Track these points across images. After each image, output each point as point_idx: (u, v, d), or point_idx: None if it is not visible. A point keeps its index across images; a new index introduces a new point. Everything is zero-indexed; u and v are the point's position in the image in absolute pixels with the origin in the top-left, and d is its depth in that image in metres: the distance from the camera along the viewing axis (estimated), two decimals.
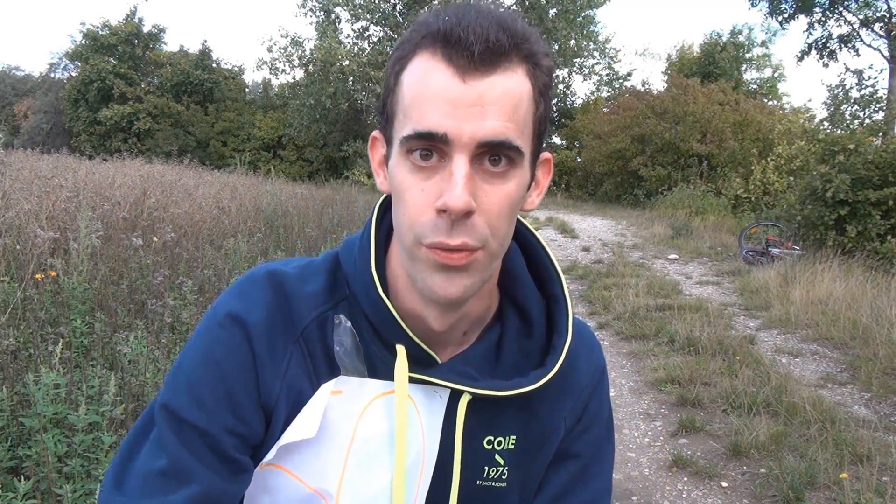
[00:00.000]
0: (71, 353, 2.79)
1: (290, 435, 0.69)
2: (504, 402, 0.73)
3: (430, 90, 0.61)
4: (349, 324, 0.71)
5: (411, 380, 0.71)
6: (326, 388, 0.70)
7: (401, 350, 0.70)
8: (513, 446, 0.75)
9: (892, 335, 5.24)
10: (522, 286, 0.77)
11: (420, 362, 0.71)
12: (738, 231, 11.90)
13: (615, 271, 8.78)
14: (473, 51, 0.60)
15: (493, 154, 0.62)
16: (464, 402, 0.72)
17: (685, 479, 3.35)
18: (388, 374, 0.71)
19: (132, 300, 3.73)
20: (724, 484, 3.29)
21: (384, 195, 0.75)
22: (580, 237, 12.73)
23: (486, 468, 0.75)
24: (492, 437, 0.75)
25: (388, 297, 0.70)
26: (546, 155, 0.72)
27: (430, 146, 0.62)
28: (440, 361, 0.73)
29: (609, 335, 5.97)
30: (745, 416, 3.95)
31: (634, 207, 18.86)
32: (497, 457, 0.75)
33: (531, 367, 0.75)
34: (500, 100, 0.61)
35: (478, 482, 0.75)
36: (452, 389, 0.72)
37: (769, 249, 9.28)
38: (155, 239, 4.95)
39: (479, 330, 0.76)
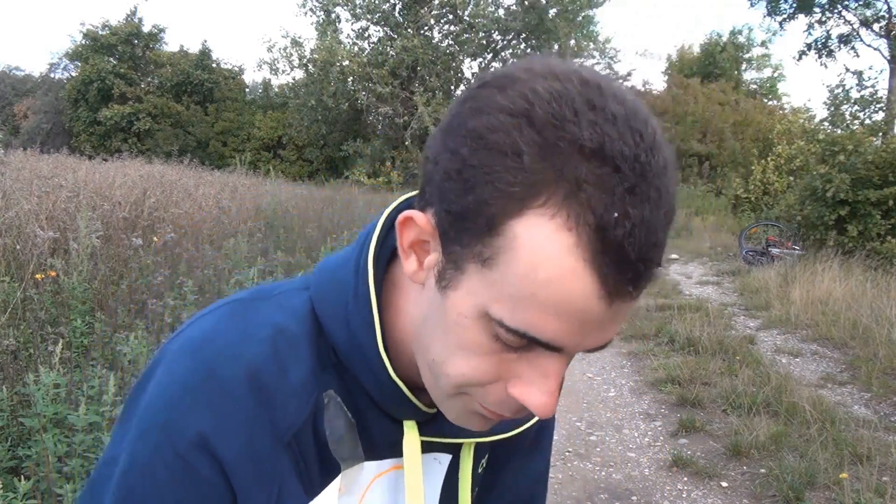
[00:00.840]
0: (71, 353, 2.79)
1: None
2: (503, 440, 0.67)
3: (566, 304, 0.45)
4: (339, 399, 0.58)
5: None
6: (333, 489, 0.59)
7: (411, 426, 0.60)
8: (487, 457, 0.73)
9: (892, 335, 5.24)
10: None
11: (422, 424, 0.62)
12: (738, 231, 11.90)
13: None
14: (640, 287, 0.46)
15: None
16: (468, 452, 0.66)
17: (685, 479, 3.35)
18: (386, 445, 0.61)
19: (132, 300, 3.73)
20: (724, 484, 3.29)
21: (374, 237, 0.59)
22: None
23: (478, 489, 0.72)
24: (483, 461, 0.71)
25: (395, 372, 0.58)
26: None
27: None
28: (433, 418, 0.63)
29: None
30: (745, 416, 3.95)
31: None
32: (480, 470, 0.72)
33: None
34: (626, 314, 0.49)
35: None
36: (451, 446, 0.65)
37: (769, 249, 9.28)
38: (155, 239, 4.95)
39: None
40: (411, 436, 0.60)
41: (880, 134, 9.74)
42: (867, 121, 10.08)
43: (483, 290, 0.48)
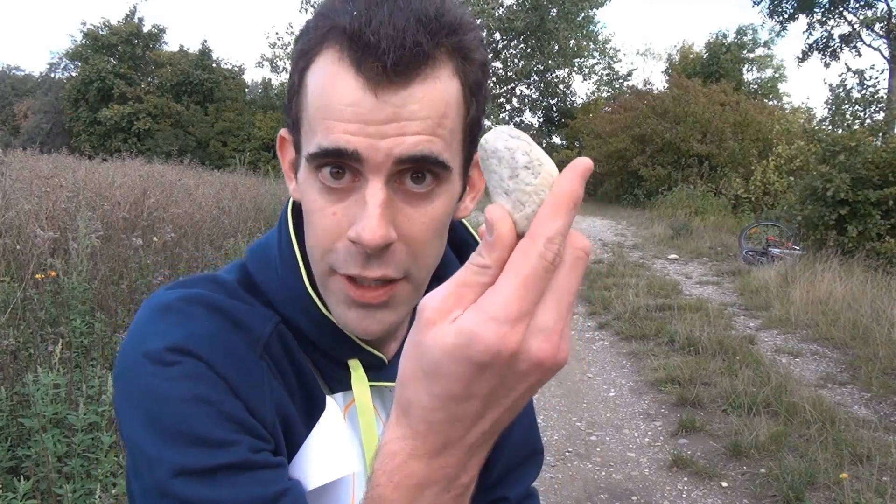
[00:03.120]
0: (71, 353, 2.79)
1: (324, 473, 0.60)
2: None
3: (336, 103, 0.52)
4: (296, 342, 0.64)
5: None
6: (335, 411, 0.62)
7: (356, 365, 0.64)
8: None
9: (892, 335, 5.23)
10: (446, 263, 0.70)
11: (371, 368, 0.65)
12: (738, 231, 11.89)
13: (615, 271, 8.78)
14: (385, 61, 0.50)
15: (415, 171, 0.54)
16: None
17: (685, 479, 3.35)
18: (339, 388, 0.65)
19: (132, 300, 3.73)
20: (724, 484, 3.29)
21: (291, 198, 0.66)
22: None
23: None
24: None
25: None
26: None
27: (341, 163, 0.53)
28: (387, 361, 0.67)
29: (609, 335, 5.97)
30: (745, 416, 3.95)
31: (634, 207, 18.86)
32: None
33: None
34: (420, 112, 0.52)
35: None
36: None
37: (769, 249, 9.28)
38: (155, 239, 4.94)
39: (409, 317, 0.68)
40: (357, 375, 0.64)
41: (880, 134, 9.74)
42: (868, 120, 10.08)
43: (303, 148, 0.56)
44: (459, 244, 0.74)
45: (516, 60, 26.70)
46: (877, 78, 18.27)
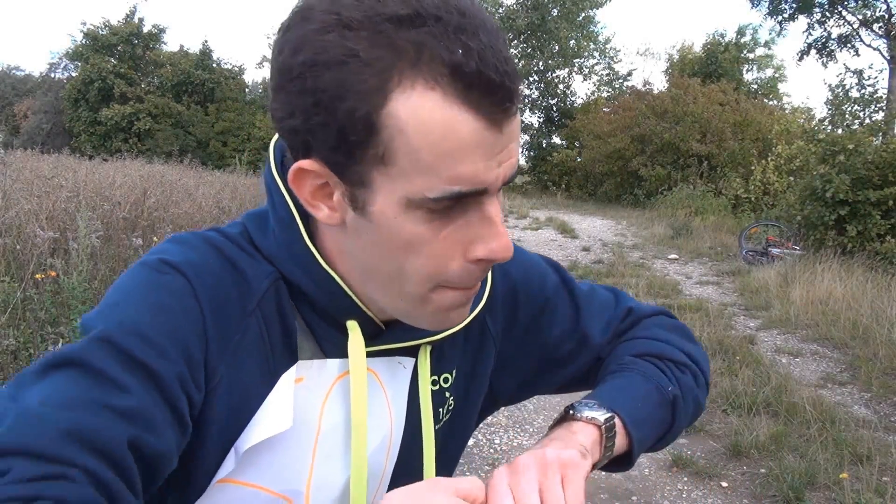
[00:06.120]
0: None
1: (260, 432, 0.58)
2: (449, 338, 0.69)
3: (462, 144, 0.50)
4: (292, 303, 0.63)
5: (369, 354, 0.64)
6: (289, 377, 0.61)
7: (353, 326, 0.63)
8: (453, 374, 0.74)
9: (892, 335, 5.24)
10: None
11: (369, 335, 0.64)
12: (738, 231, 11.89)
13: (615, 271, 8.78)
14: (505, 96, 0.50)
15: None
16: (425, 355, 0.68)
17: (685, 479, 3.35)
18: (338, 355, 0.64)
19: None
20: (724, 484, 3.29)
21: (274, 142, 0.64)
22: (580, 237, 12.73)
23: (440, 409, 0.72)
24: (437, 377, 0.72)
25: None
26: None
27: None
28: (384, 328, 0.66)
29: None
30: (745, 416, 3.95)
31: (634, 207, 18.85)
32: (446, 393, 0.73)
33: None
34: (518, 132, 0.54)
35: (436, 427, 0.72)
36: (411, 350, 0.68)
37: (769, 249, 9.28)
38: (155, 239, 4.95)
39: None
40: (354, 335, 0.63)
41: (880, 134, 9.74)
42: (867, 121, 10.08)
43: (396, 184, 0.52)
44: None
45: (516, 60, 26.72)
46: (875, 78, 18.29)
